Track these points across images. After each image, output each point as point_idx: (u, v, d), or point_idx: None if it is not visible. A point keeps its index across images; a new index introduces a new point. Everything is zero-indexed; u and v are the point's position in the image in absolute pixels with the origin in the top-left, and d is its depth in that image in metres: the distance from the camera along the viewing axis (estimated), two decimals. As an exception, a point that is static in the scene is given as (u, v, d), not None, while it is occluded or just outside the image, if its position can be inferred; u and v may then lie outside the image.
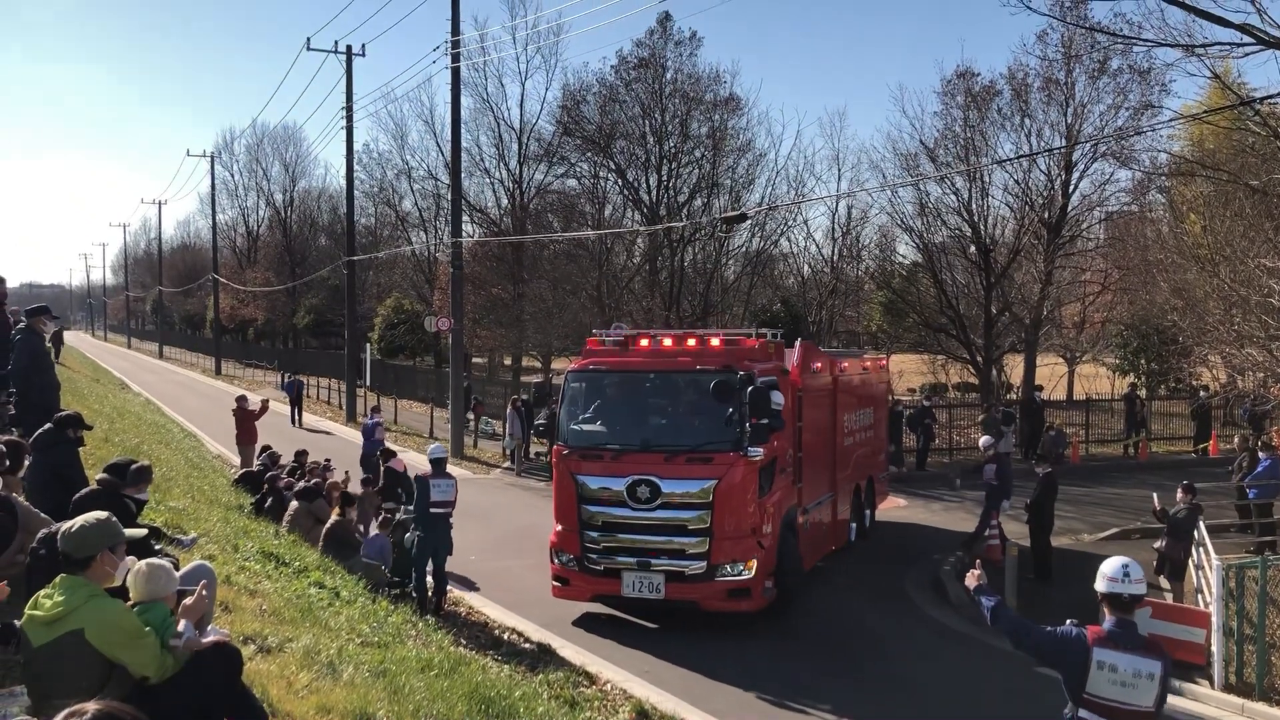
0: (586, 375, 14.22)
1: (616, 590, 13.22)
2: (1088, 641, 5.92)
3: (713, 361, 13.50)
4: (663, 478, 12.95)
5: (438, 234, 51.19)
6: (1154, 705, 5.87)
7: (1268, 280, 14.93)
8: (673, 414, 13.98)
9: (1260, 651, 11.47)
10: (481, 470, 27.59)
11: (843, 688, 11.42)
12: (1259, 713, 10.91)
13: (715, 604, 13.01)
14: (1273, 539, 16.06)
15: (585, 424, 13.97)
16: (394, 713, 6.74)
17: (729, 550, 12.89)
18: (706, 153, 37.83)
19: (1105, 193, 36.19)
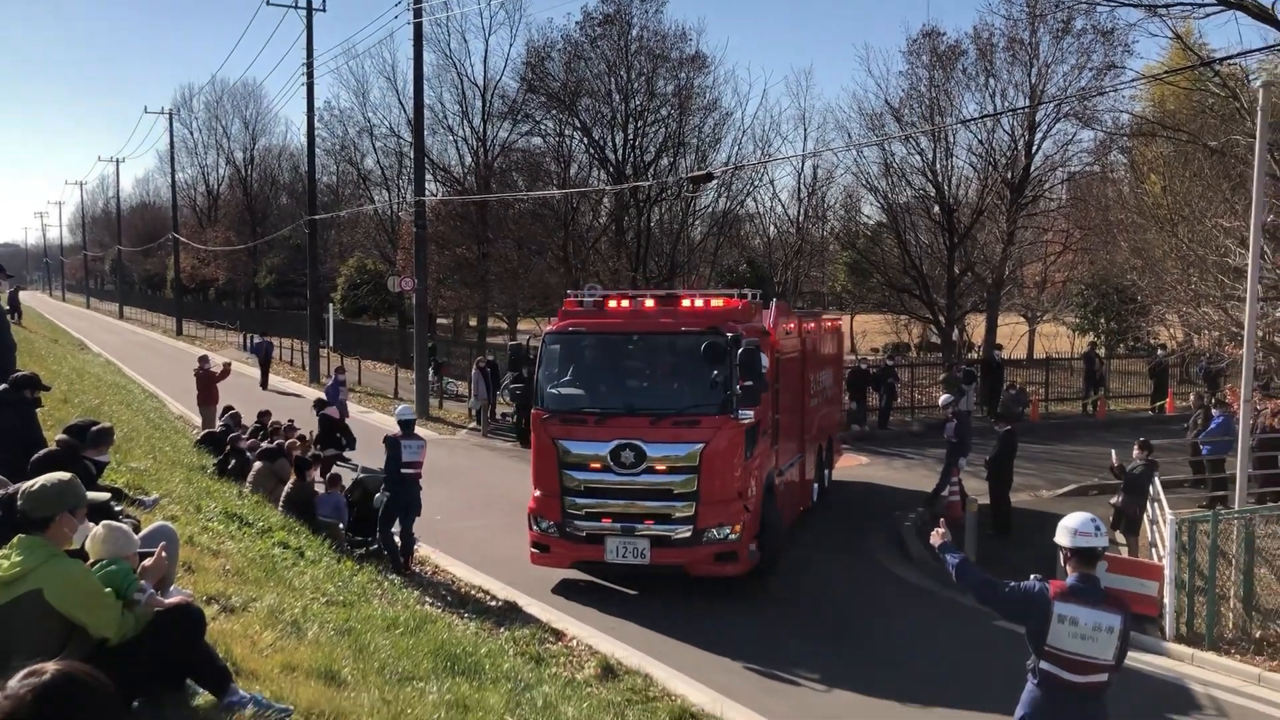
0: (565, 337, 13.84)
1: (599, 556, 12.99)
2: (1050, 596, 6.03)
3: (697, 322, 13.23)
4: (648, 441, 12.72)
5: (401, 193, 50.67)
6: (1114, 658, 6.01)
7: (1224, 240, 15.12)
8: (657, 376, 13.71)
9: (1210, 603, 11.74)
10: (447, 431, 27.55)
11: (809, 644, 11.59)
12: (1208, 661, 11.19)
13: (702, 568, 12.87)
14: (1225, 494, 16.37)
15: (565, 387, 13.66)
16: (359, 670, 6.77)
17: (716, 514, 12.72)
18: (673, 111, 37.61)
19: (1068, 153, 36.51)
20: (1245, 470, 13.67)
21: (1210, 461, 18.32)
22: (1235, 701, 10.28)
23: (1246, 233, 13.32)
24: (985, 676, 10.35)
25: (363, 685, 6.45)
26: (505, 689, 7.77)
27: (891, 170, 36.29)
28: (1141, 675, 10.94)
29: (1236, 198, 15.19)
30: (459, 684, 7.38)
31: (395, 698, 6.37)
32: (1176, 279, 16.67)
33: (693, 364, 12.98)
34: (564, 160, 39.63)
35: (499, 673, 8.34)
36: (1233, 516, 12.54)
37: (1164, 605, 12.03)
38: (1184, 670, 11.09)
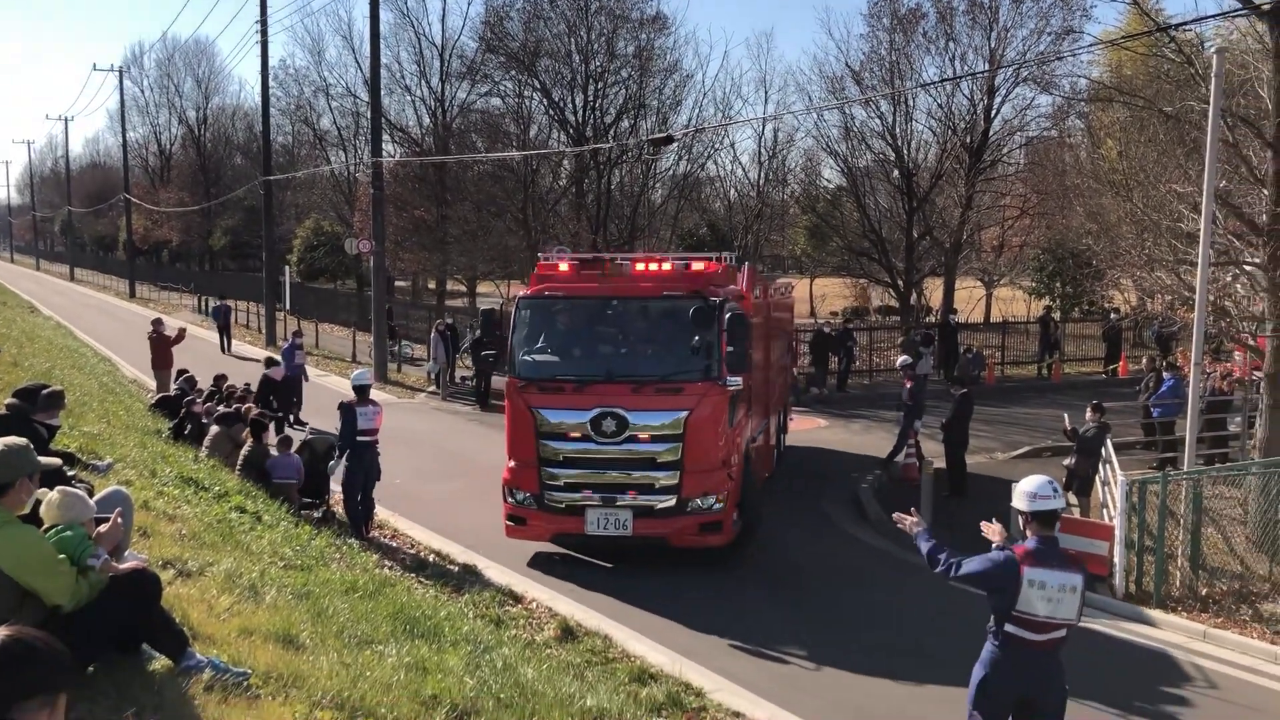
0: (541, 302, 13.30)
1: (579, 528, 12.57)
2: (1017, 562, 6.13)
3: (679, 286, 12.83)
4: (630, 409, 12.28)
5: (358, 153, 50.04)
6: (1075, 616, 6.21)
7: (1178, 205, 15.29)
8: (638, 342, 13.27)
9: (1159, 562, 11.99)
10: (406, 395, 27.42)
11: (767, 606, 11.71)
12: (1155, 619, 11.44)
13: (686, 539, 12.50)
14: (1174, 455, 16.69)
15: (541, 354, 13.19)
16: (317, 634, 6.76)
17: (701, 483, 12.37)
18: (633, 73, 37.39)
19: (1026, 118, 36.78)
20: (1194, 432, 13.92)
21: (1161, 424, 18.65)
22: (1182, 657, 10.53)
23: (1199, 198, 13.48)
24: (941, 635, 10.54)
25: (321, 649, 6.44)
26: (465, 651, 7.79)
27: (852, 134, 36.39)
28: (1091, 633, 11.16)
29: (1190, 163, 15.35)
30: (418, 646, 7.40)
31: (354, 661, 6.38)
32: (1131, 244, 16.85)
33: (675, 329, 12.62)
34: (523, 122, 39.32)
35: (458, 635, 8.36)
36: (1181, 477, 12.79)
37: (1114, 564, 12.27)
38: (1133, 628, 11.33)
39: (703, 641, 10.48)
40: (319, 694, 5.55)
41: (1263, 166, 14.23)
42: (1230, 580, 12.30)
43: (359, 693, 5.73)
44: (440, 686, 6.43)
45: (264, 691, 5.42)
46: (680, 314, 12.52)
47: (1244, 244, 14.92)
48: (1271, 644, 10.64)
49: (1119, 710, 9.21)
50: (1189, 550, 12.28)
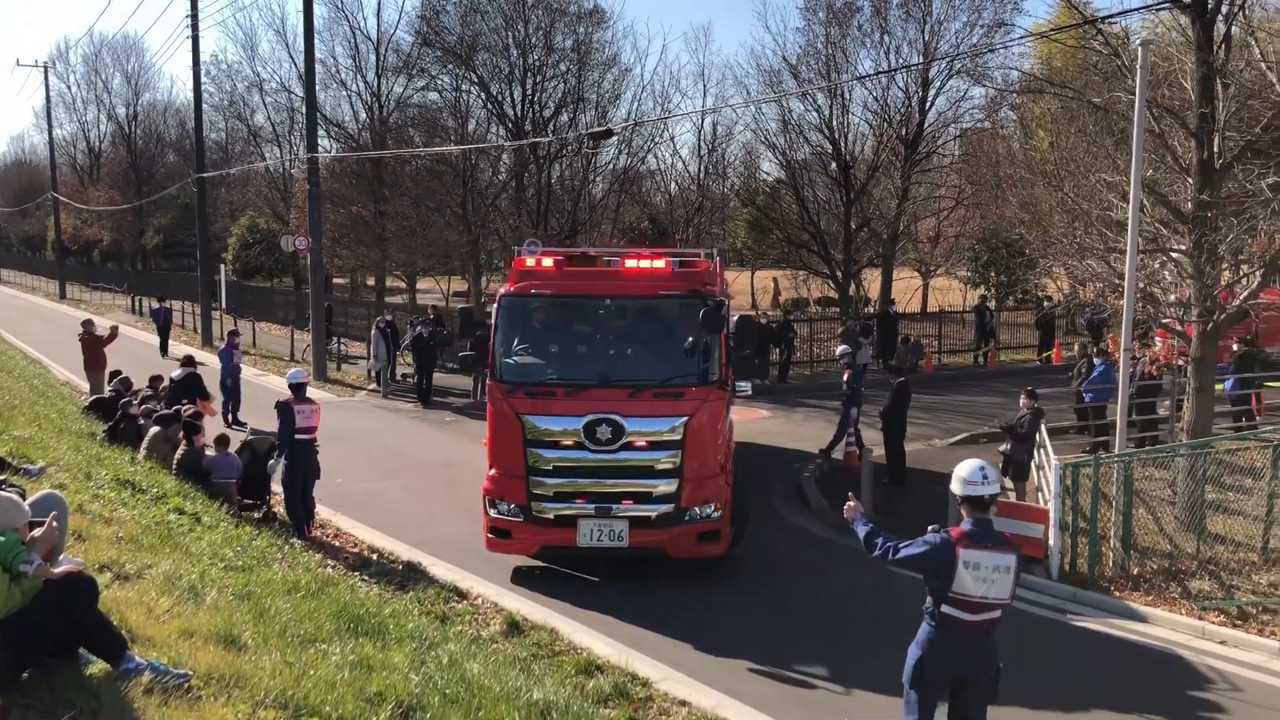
0: (526, 300, 12.54)
1: (571, 541, 11.83)
2: (953, 544, 6.33)
3: (673, 285, 12.26)
4: (627, 415, 11.65)
5: (293, 149, 49.42)
6: (1008, 596, 6.44)
7: (1107, 194, 15.61)
8: (633, 344, 12.70)
9: (1092, 543, 12.28)
10: (346, 393, 27.16)
11: (715, 596, 11.78)
12: (1090, 599, 11.72)
13: (684, 549, 11.96)
14: (1106, 439, 17.06)
15: (529, 356, 12.53)
16: (260, 634, 6.71)
17: (700, 491, 11.85)
18: (572, 66, 37.29)
19: (960, 110, 37.31)
20: (1125, 416, 14.25)
21: (1093, 408, 19.05)
22: (1116, 635, 10.80)
23: (1128, 187, 13.79)
24: (878, 622, 10.72)
25: (264, 649, 6.40)
26: (410, 648, 7.78)
27: (790, 127, 36.64)
28: (1028, 615, 11.42)
29: (1119, 153, 15.68)
30: (363, 644, 7.37)
31: (298, 660, 6.35)
32: (1062, 232, 17.17)
33: (673, 330, 12.16)
34: (461, 116, 39.04)
35: (403, 632, 8.34)
36: (1113, 460, 13.09)
37: (1049, 547, 12.54)
38: (1068, 608, 11.59)
39: (650, 632, 10.54)
40: (262, 694, 5.52)
41: (1187, 156, 14.59)
42: (1160, 559, 12.63)
43: (303, 691, 5.71)
44: (385, 684, 6.42)
45: (206, 693, 5.38)
46: (678, 314, 12.13)
47: (1170, 231, 15.29)
48: (1199, 619, 10.95)
49: (1050, 689, 9.43)
50: (1121, 531, 12.58)
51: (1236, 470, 14.18)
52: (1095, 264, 16.27)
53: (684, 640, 10.34)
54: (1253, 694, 9.43)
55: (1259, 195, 14.00)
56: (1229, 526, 13.08)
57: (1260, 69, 14.43)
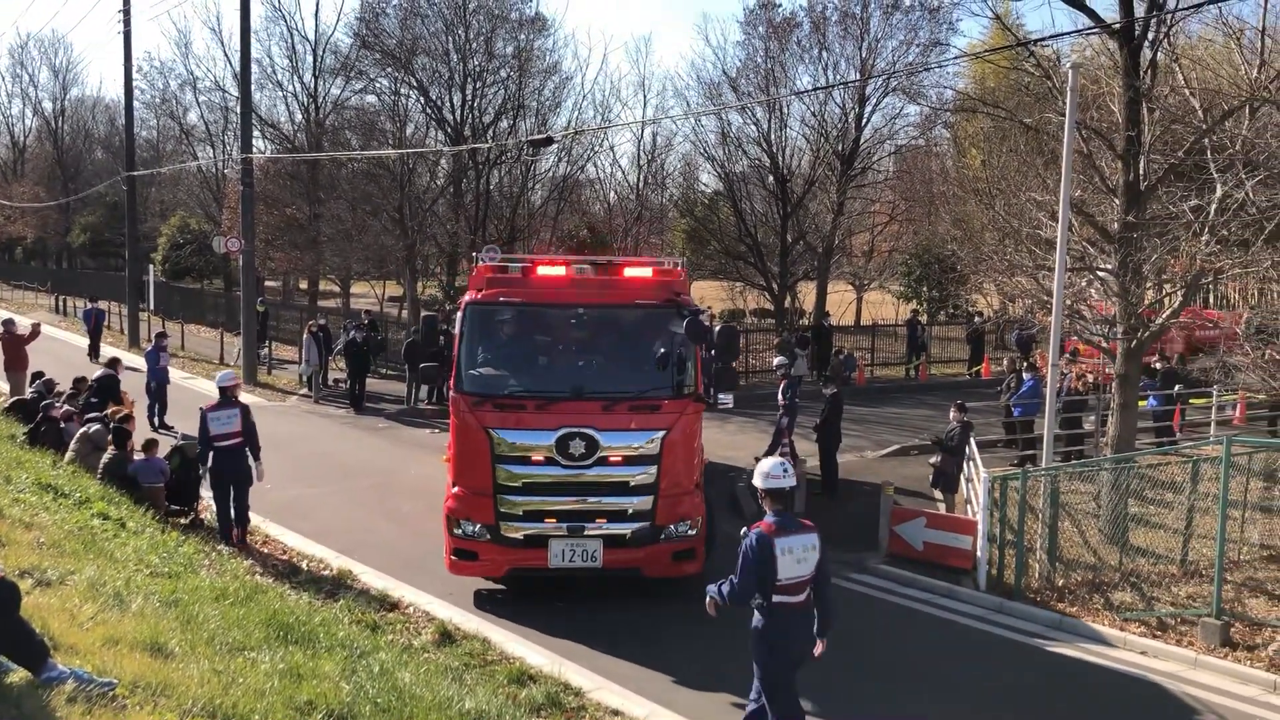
0: (494, 309, 12.03)
1: (542, 562, 11.33)
2: (769, 537, 7.10)
3: (649, 294, 11.88)
4: (601, 429, 11.23)
5: (226, 149, 48.61)
6: (815, 570, 7.27)
7: (1037, 213, 15.96)
8: (607, 355, 12.28)
9: (1019, 555, 12.51)
10: (277, 397, 26.75)
11: (648, 607, 11.78)
12: (1016, 610, 11.94)
13: (660, 569, 11.56)
14: (1034, 453, 17.40)
15: (496, 368, 12.04)
16: (187, 641, 6.59)
17: (676, 508, 11.50)
18: (512, 73, 37.15)
19: (895, 127, 37.87)
20: (1052, 430, 14.56)
21: (1021, 422, 19.43)
22: (1039, 645, 11.02)
23: (1057, 206, 14.10)
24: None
25: (191, 656, 6.28)
26: (341, 657, 7.68)
27: (728, 139, 36.89)
28: (956, 625, 11.62)
29: (1049, 173, 16.04)
30: (293, 653, 7.27)
31: (226, 668, 6.24)
32: (993, 249, 17.51)
33: (649, 340, 11.83)
34: (400, 120, 38.69)
35: (334, 641, 8.24)
36: (1040, 474, 13.36)
37: (977, 558, 12.75)
38: (995, 619, 11.79)
39: (584, 642, 10.53)
40: (189, 702, 5.42)
41: (1114, 177, 14.98)
42: (1084, 571, 12.91)
43: (231, 700, 5.61)
44: (315, 692, 6.34)
45: (131, 701, 5.27)
46: (654, 324, 11.87)
47: (1097, 250, 15.68)
48: (1120, 630, 11.22)
49: (971, 698, 9.59)
50: (1047, 543, 12.84)
51: (1158, 484, 14.58)
52: (1025, 281, 16.61)
53: (617, 651, 10.34)
54: (1169, 703, 9.68)
55: (1181, 217, 14.42)
56: (1150, 540, 13.43)
57: (1184, 95, 14.89)
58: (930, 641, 11.15)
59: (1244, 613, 11.49)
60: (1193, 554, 13.03)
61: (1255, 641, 10.83)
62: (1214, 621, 10.87)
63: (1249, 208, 14.09)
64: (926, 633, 11.40)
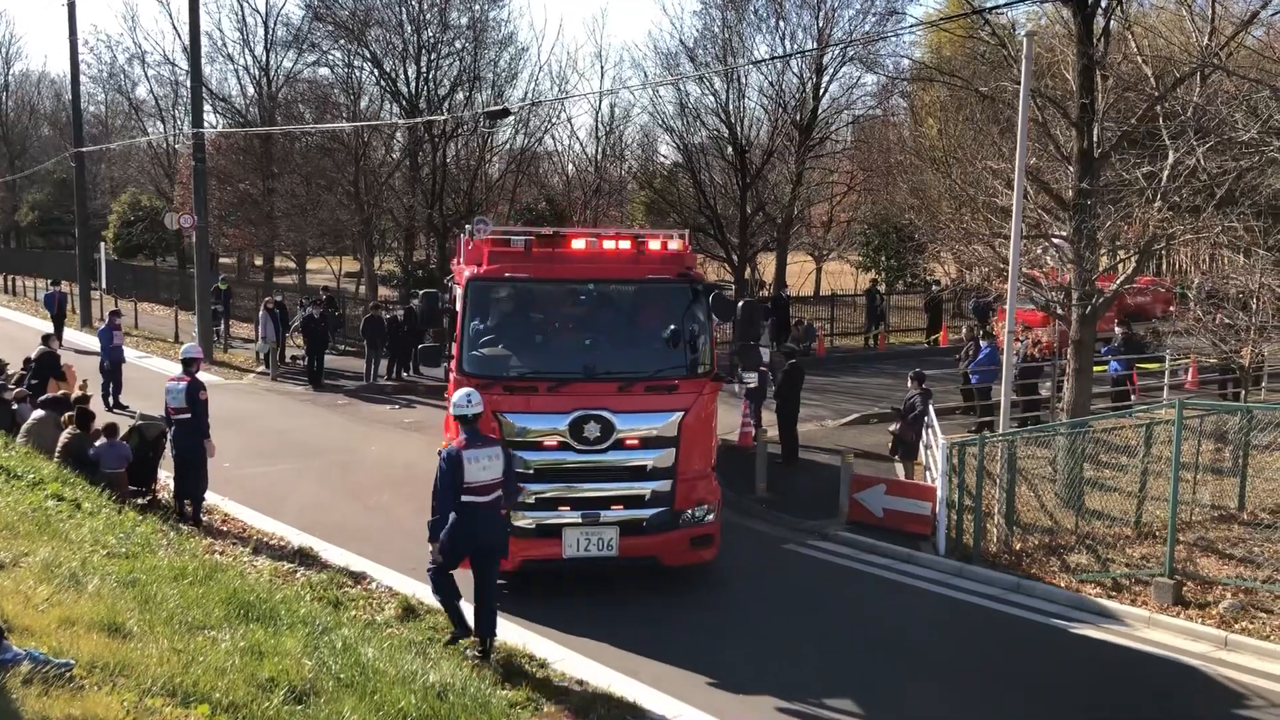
0: (499, 285, 11.40)
1: (555, 553, 10.80)
2: (458, 451, 9.02)
3: (660, 268, 11.43)
4: (616, 411, 10.72)
5: (177, 124, 47.82)
6: (501, 474, 9.13)
7: (993, 181, 16.07)
8: (620, 333, 11.76)
9: (977, 520, 12.67)
10: (234, 375, 26.46)
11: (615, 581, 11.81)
12: (975, 573, 12.09)
13: (678, 556, 11.14)
14: (991, 419, 17.59)
15: (503, 348, 11.39)
16: (146, 621, 6.52)
17: (694, 492, 11.09)
18: (467, 44, 36.78)
19: (852, 96, 37.93)
20: (1008, 397, 14.72)
21: (979, 389, 19.63)
22: (996, 608, 11.19)
23: (1012, 175, 14.21)
24: (762, 601, 10.90)
25: (150, 636, 6.22)
26: (303, 633, 7.63)
27: (687, 110, 36.74)
28: (916, 590, 11.76)
29: (1004, 141, 16.15)
30: (253, 630, 7.22)
31: (186, 647, 6.18)
32: (950, 218, 17.63)
33: (663, 317, 11.36)
34: (354, 93, 38.21)
35: (295, 618, 8.18)
36: (997, 440, 13.52)
37: (937, 523, 12.90)
38: (954, 582, 11.94)
39: (550, 616, 10.52)
40: (149, 682, 5.37)
41: (1069, 145, 15.10)
42: (1041, 534, 13.11)
43: (191, 678, 5.57)
44: (277, 669, 6.30)
45: (89, 681, 5.20)
46: (667, 300, 11.40)
47: (1053, 218, 15.82)
48: (1076, 591, 11.41)
49: (934, 661, 9.74)
50: (1005, 508, 13.01)
51: (1113, 448, 14.81)
52: (981, 249, 16.74)
53: (581, 621, 10.35)
54: (1125, 660, 9.87)
55: (1134, 184, 14.58)
56: (1105, 503, 13.65)
57: (1136, 62, 15.01)
58: (891, 606, 11.28)
59: (1195, 572, 11.73)
60: (1146, 516, 13.26)
61: (1206, 599, 11.05)
62: (1167, 581, 11.07)
63: (1200, 174, 14.28)
64: (887, 597, 11.53)
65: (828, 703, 8.83)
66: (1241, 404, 16.17)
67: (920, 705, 8.90)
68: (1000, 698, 9.03)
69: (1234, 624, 10.46)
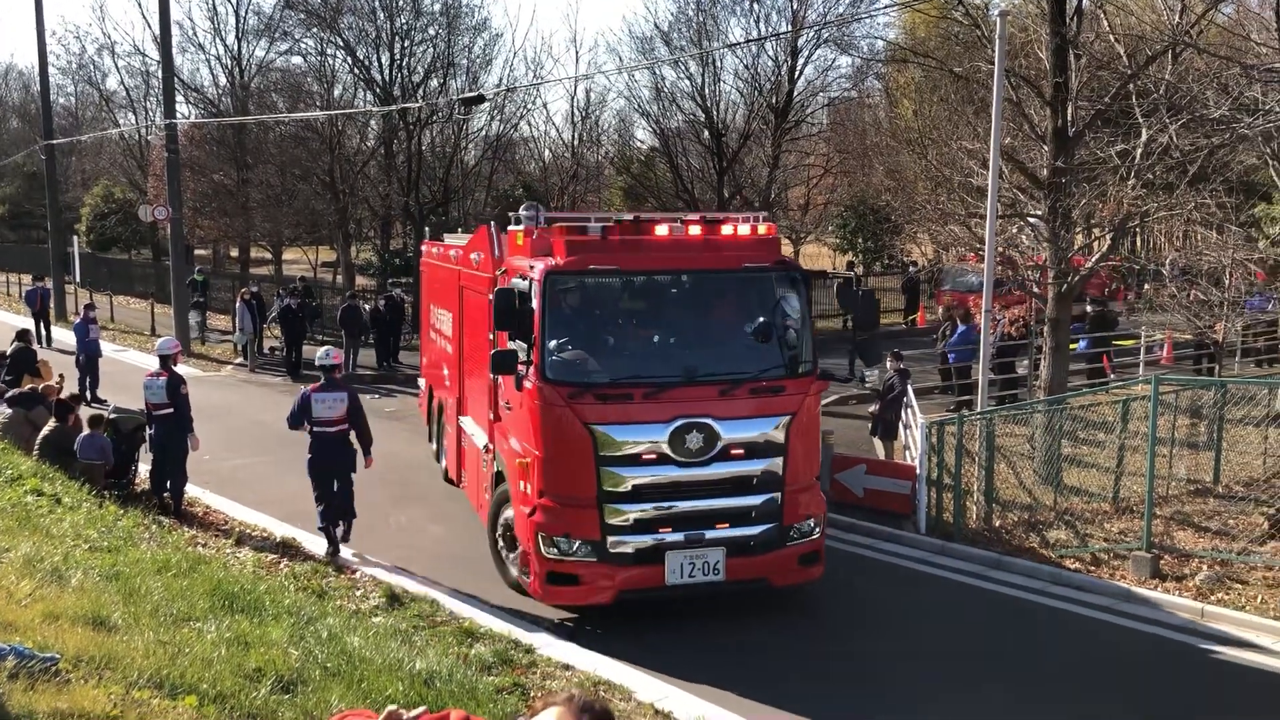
0: (583, 279, 10.00)
1: (657, 580, 9.74)
2: (309, 393, 11.78)
3: (757, 255, 10.37)
4: (720, 418, 9.71)
5: (149, 115, 47.31)
6: (345, 415, 11.79)
7: (968, 161, 16.14)
8: (715, 330, 10.65)
9: (957, 498, 12.78)
10: (212, 367, 26.32)
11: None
12: (956, 551, 12.21)
13: (787, 576, 10.24)
14: (970, 398, 17.72)
15: (592, 351, 10.10)
16: (131, 614, 6.52)
17: (802, 504, 10.17)
18: (441, 31, 36.55)
19: (828, 79, 37.94)
20: (986, 375, 14.83)
21: (956, 369, 19.76)
22: (978, 585, 11.30)
23: (987, 155, 14.27)
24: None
25: (135, 629, 6.22)
26: (288, 623, 7.65)
27: (662, 95, 36.70)
28: (901, 569, 11.87)
29: (979, 121, 16.21)
30: (239, 621, 7.23)
31: (172, 639, 6.19)
32: (926, 199, 17.71)
33: (761, 310, 10.41)
34: (327, 81, 37.92)
35: (280, 608, 8.20)
36: (976, 418, 13.63)
37: (917, 502, 13.01)
38: (937, 560, 12.07)
39: (529, 602, 10.55)
40: (135, 674, 5.37)
41: (1043, 124, 15.18)
42: (1020, 511, 13.23)
43: (178, 670, 5.58)
44: (264, 659, 6.32)
45: (75, 675, 5.21)
46: (765, 291, 10.47)
47: (1027, 197, 15.91)
48: (1056, 566, 11.53)
49: (922, 637, 9.83)
50: (984, 486, 13.13)
51: (1090, 425, 14.94)
52: (957, 229, 16.84)
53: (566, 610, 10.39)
54: (1104, 633, 10.00)
55: (1108, 162, 14.68)
56: (1083, 479, 13.80)
57: (1109, 41, 15.10)
58: (877, 584, 11.38)
59: (1173, 545, 11.88)
60: (1124, 491, 13.40)
61: (1183, 572, 11.20)
62: (1144, 555, 11.21)
63: (1173, 151, 14.39)
64: (873, 576, 11.63)
65: (797, 676, 8.92)
66: (1216, 379, 16.35)
67: (905, 681, 8.98)
68: (984, 674, 9.13)
69: (1210, 596, 10.62)
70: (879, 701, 8.61)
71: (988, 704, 8.57)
